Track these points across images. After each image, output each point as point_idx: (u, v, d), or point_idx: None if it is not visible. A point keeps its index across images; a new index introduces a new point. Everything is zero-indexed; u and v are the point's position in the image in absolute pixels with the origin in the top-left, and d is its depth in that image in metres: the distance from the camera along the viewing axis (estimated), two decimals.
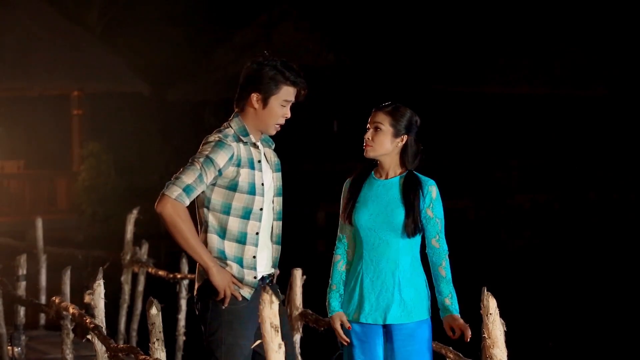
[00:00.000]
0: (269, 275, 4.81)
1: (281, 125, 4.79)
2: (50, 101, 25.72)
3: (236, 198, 4.67)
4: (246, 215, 4.69)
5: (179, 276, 9.63)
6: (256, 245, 4.71)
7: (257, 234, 4.71)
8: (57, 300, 7.37)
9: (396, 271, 4.85)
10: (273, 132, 4.80)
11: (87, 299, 10.14)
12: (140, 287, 10.66)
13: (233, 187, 4.67)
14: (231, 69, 28.88)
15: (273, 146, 4.92)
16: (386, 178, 4.94)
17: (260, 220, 4.72)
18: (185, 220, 4.56)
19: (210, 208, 4.71)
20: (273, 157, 4.88)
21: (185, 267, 9.75)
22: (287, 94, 4.71)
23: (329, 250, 5.10)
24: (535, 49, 29.92)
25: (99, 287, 6.13)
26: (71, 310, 6.90)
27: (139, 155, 25.98)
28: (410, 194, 4.84)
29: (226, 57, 29.75)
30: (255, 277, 4.70)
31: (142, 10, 29.61)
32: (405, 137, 4.90)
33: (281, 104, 4.71)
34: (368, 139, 4.90)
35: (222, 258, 4.68)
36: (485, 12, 30.31)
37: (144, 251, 10.67)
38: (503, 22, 30.16)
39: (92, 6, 29.02)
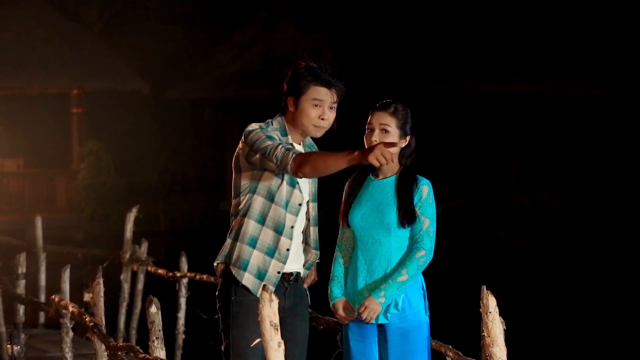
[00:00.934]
0: (291, 273, 4.80)
1: (323, 127, 4.77)
2: (50, 99, 25.70)
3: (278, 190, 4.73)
4: (286, 206, 4.73)
5: (178, 275, 9.63)
6: (290, 238, 4.74)
7: (292, 227, 4.74)
8: (56, 299, 7.36)
9: (388, 270, 4.85)
10: (314, 134, 4.80)
11: (86, 297, 10.17)
12: (140, 286, 10.67)
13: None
14: (230, 68, 28.90)
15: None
16: (383, 178, 4.95)
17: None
18: (311, 157, 4.54)
19: (255, 193, 4.73)
20: None
21: (184, 266, 9.75)
22: (316, 93, 4.71)
23: (328, 250, 5.10)
24: (536, 47, 29.90)
25: (99, 286, 6.13)
26: (71, 309, 6.89)
27: (139, 154, 26.00)
28: (404, 188, 4.85)
29: (225, 56, 29.74)
30: (279, 272, 4.72)
31: (141, 9, 29.60)
32: (409, 138, 4.93)
33: (312, 103, 4.71)
34: (375, 141, 4.88)
35: (253, 243, 4.69)
36: (486, 11, 30.30)
37: (143, 250, 10.67)
38: (503, 21, 30.15)
39: (91, 4, 29.01)
